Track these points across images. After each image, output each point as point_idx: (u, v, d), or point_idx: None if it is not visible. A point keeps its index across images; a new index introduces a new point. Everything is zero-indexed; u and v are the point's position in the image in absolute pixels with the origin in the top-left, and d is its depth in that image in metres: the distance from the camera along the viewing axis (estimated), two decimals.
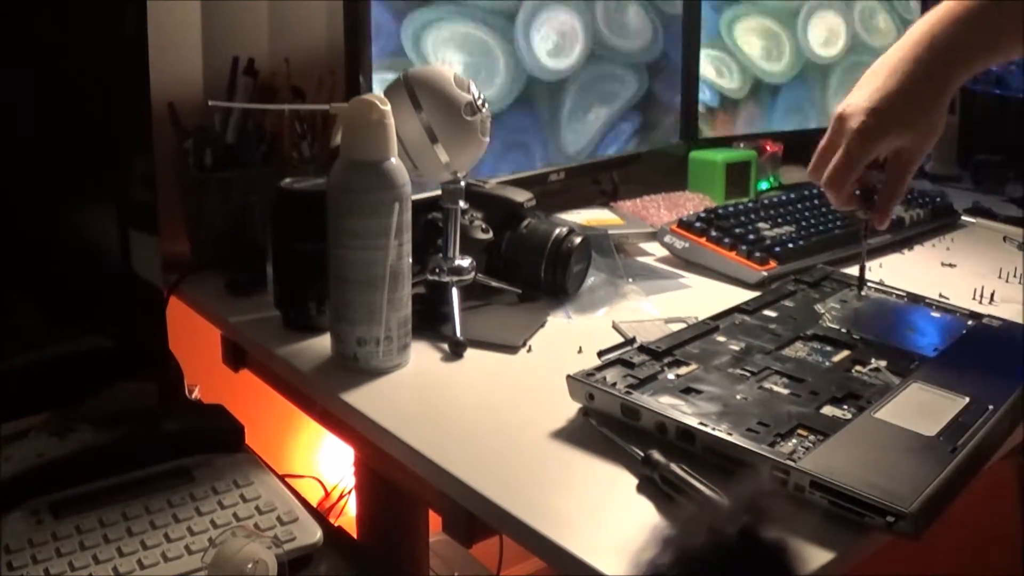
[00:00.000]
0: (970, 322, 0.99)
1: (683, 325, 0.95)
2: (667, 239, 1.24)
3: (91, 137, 0.87)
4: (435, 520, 1.21)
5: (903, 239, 1.34)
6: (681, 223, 1.24)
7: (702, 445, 0.73)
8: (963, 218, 1.47)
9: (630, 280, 1.12)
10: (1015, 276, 1.20)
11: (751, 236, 1.22)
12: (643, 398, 0.77)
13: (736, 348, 0.89)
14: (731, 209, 1.30)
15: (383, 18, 1.11)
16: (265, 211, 1.00)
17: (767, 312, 0.98)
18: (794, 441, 0.73)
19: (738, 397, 0.79)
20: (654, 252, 1.27)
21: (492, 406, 0.84)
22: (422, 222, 1.03)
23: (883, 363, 0.86)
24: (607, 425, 0.78)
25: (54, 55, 0.83)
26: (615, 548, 0.63)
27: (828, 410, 0.78)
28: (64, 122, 0.85)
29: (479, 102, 0.94)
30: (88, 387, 0.89)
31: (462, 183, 0.97)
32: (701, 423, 0.74)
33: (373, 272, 0.86)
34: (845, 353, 0.89)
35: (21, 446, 0.81)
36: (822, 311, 0.99)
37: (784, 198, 1.38)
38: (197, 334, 1.06)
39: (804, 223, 1.30)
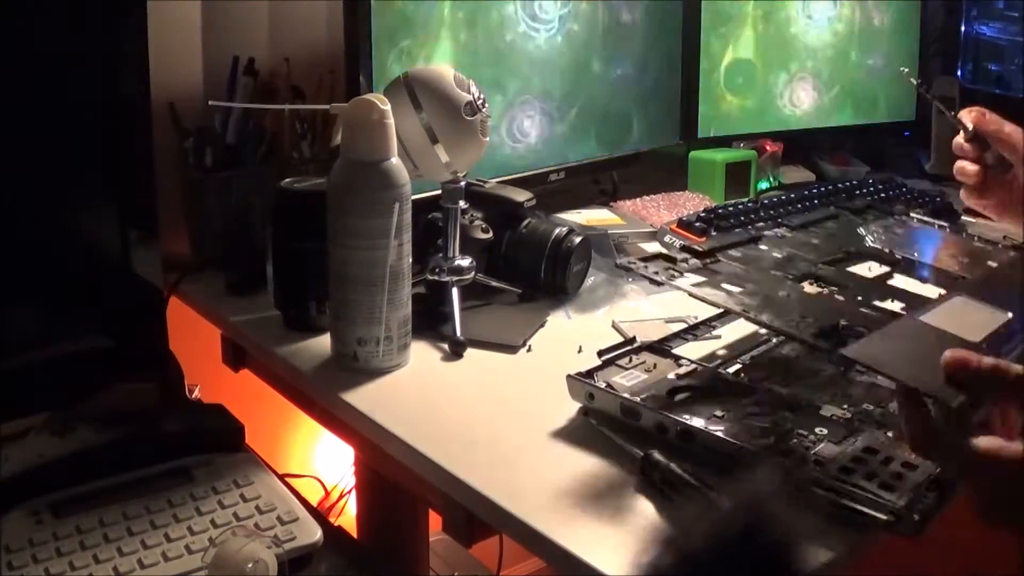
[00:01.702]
0: (1012, 252, 0.98)
1: (683, 325, 0.95)
2: (667, 239, 1.24)
3: (92, 137, 0.87)
4: (435, 520, 1.22)
5: None
6: (681, 223, 1.24)
7: (702, 445, 0.73)
8: (963, 218, 1.47)
9: (630, 280, 1.12)
10: None
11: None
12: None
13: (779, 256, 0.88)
14: (731, 209, 1.30)
15: None
16: (265, 211, 1.00)
17: (810, 232, 0.97)
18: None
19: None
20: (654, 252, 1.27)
21: (492, 406, 0.84)
22: (422, 222, 1.03)
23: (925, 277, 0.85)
24: (607, 425, 0.78)
25: (54, 55, 0.83)
26: (615, 548, 0.64)
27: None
28: (65, 122, 0.85)
29: (479, 102, 0.94)
30: (88, 387, 0.89)
31: (462, 183, 0.97)
32: (701, 423, 0.74)
33: (373, 272, 0.86)
34: (886, 269, 0.88)
35: (21, 446, 0.81)
36: (864, 234, 0.98)
37: (784, 198, 1.37)
38: (197, 334, 1.06)
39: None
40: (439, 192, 0.98)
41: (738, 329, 0.95)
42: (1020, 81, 1.67)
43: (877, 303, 0.80)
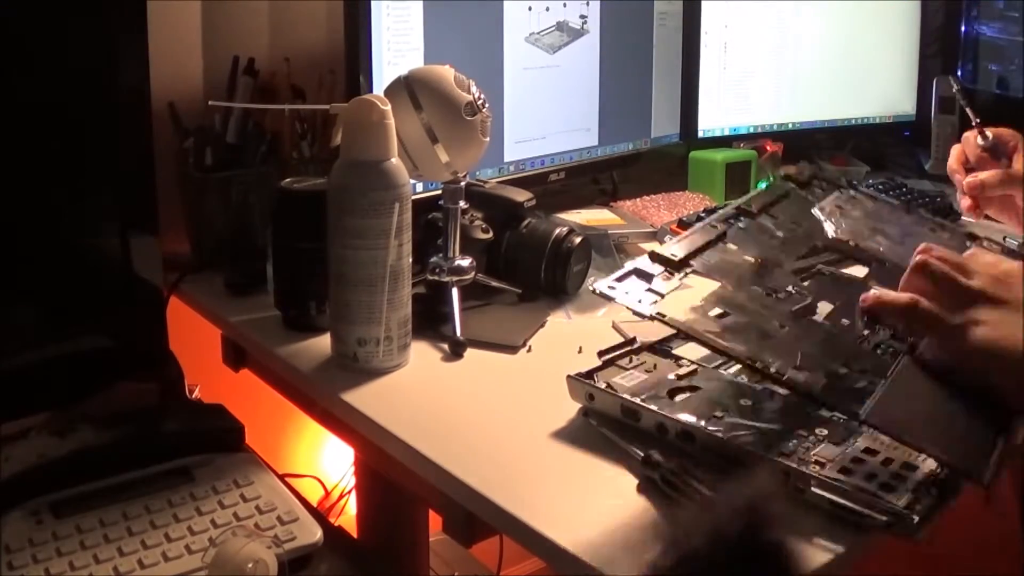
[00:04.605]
0: (969, 243, 0.98)
1: None
2: (667, 239, 1.24)
3: (91, 137, 0.87)
4: (435, 520, 1.21)
5: None
6: (681, 223, 1.24)
7: (702, 445, 0.73)
8: (963, 218, 1.47)
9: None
10: None
11: None
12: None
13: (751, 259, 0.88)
14: None
15: None
16: (265, 211, 1.00)
17: (769, 218, 0.96)
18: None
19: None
20: None
21: (492, 406, 0.84)
22: (422, 222, 1.03)
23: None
24: (607, 425, 0.78)
25: (54, 55, 0.83)
26: (615, 548, 0.63)
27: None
28: (64, 122, 0.85)
29: (479, 102, 0.94)
30: (88, 387, 0.89)
31: (462, 183, 0.97)
32: (701, 423, 0.74)
33: (373, 272, 0.86)
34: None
35: (21, 446, 0.81)
36: (822, 218, 0.98)
37: None
38: (197, 334, 1.06)
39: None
40: (439, 192, 0.98)
41: None
42: (1020, 81, 1.67)
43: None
